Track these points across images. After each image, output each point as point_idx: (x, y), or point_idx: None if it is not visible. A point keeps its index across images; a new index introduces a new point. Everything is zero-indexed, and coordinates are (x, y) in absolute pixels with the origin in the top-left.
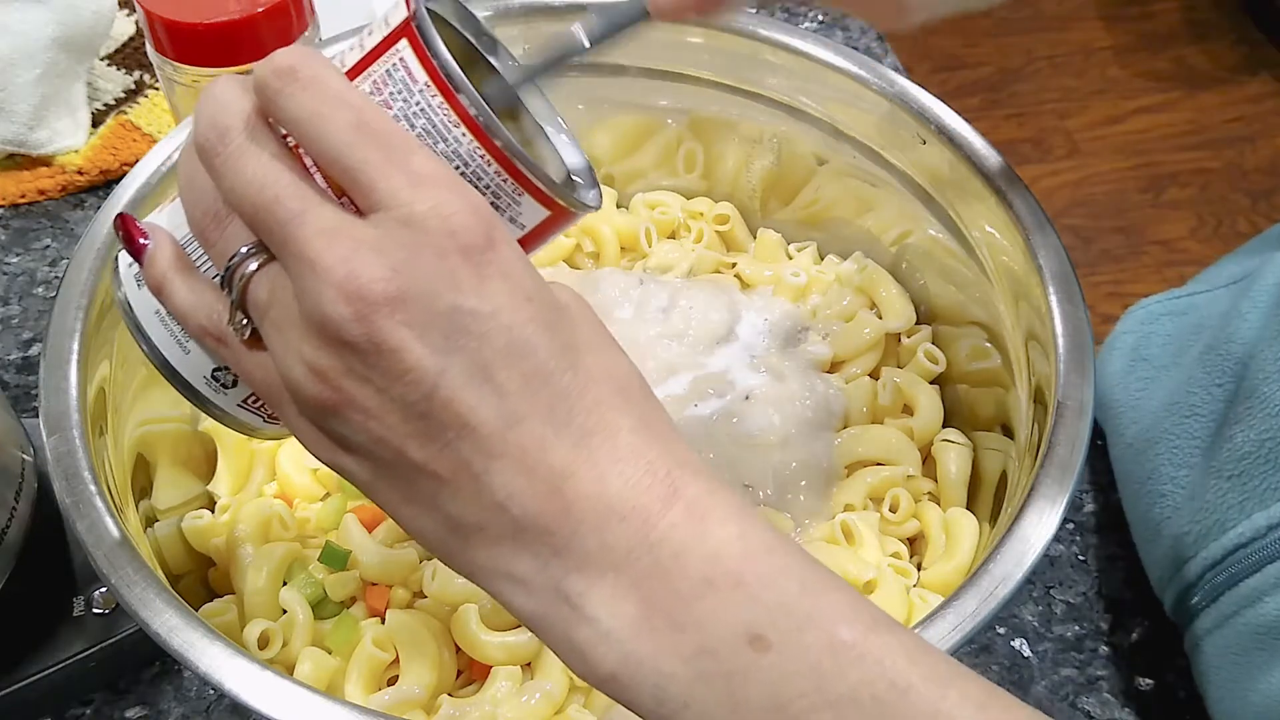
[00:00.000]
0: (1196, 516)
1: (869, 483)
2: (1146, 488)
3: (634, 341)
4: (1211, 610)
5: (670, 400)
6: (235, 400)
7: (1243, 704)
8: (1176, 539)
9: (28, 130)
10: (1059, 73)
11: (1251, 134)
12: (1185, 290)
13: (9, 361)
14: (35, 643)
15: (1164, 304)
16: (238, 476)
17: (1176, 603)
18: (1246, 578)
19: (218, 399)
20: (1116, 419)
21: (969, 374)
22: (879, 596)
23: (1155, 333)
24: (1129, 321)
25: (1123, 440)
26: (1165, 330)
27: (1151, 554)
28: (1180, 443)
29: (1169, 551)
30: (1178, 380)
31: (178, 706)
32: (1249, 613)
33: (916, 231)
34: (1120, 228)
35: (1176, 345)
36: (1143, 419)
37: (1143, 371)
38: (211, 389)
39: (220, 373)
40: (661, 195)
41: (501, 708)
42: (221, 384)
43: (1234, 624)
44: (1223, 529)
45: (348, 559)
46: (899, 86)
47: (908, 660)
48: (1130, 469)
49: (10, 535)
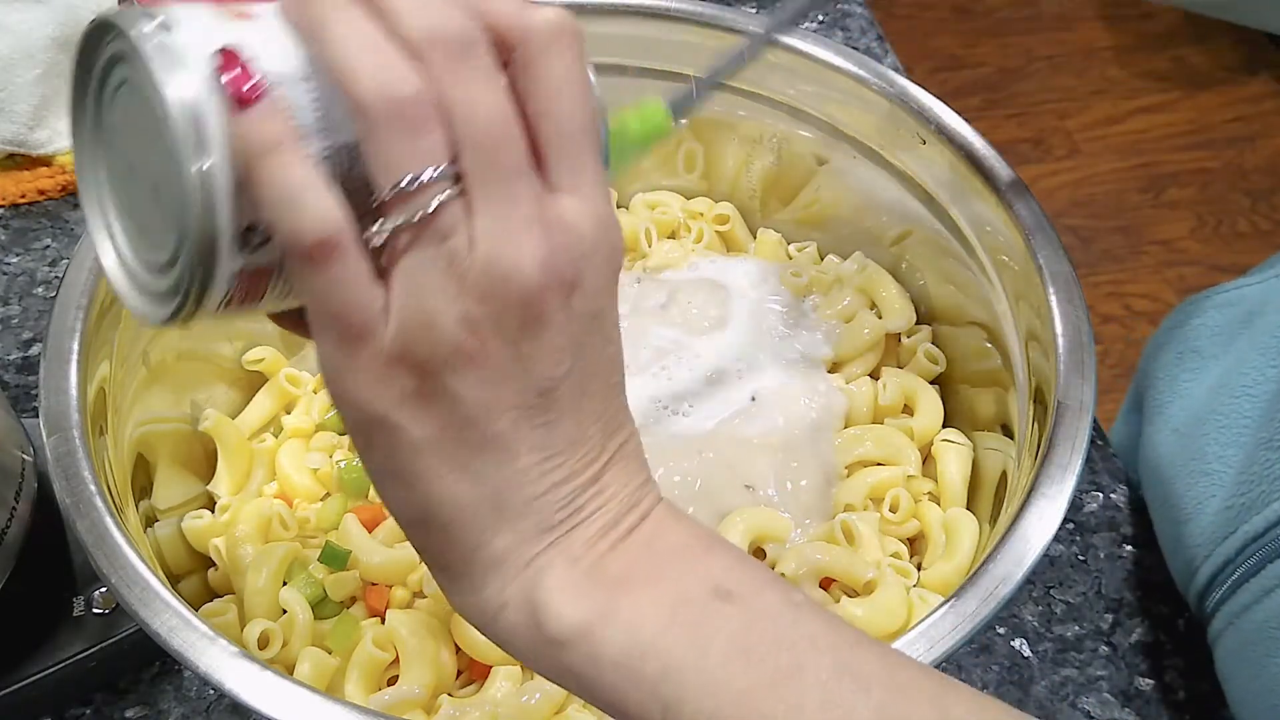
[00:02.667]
0: (1242, 489)
1: (869, 483)
2: (1191, 468)
3: (630, 337)
4: (1251, 584)
5: (669, 399)
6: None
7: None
8: (1219, 514)
9: (28, 130)
10: (1059, 73)
11: (1251, 134)
12: (1233, 284)
13: (9, 361)
14: (35, 643)
15: (1211, 298)
16: (238, 476)
17: (1207, 583)
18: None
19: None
20: (1164, 409)
21: (969, 374)
22: (879, 596)
23: (1204, 325)
24: (1176, 316)
25: (1169, 426)
26: (1214, 322)
27: (1183, 535)
28: (1230, 421)
29: (1207, 528)
30: (1228, 365)
31: (178, 706)
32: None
33: (916, 231)
34: (1120, 228)
35: (1226, 334)
36: (1192, 405)
37: (1192, 363)
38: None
39: (251, 233)
40: (661, 195)
41: (501, 708)
42: (245, 244)
43: (1275, 596)
44: (1267, 501)
45: (348, 559)
46: (899, 86)
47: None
48: (1174, 454)
49: (10, 535)
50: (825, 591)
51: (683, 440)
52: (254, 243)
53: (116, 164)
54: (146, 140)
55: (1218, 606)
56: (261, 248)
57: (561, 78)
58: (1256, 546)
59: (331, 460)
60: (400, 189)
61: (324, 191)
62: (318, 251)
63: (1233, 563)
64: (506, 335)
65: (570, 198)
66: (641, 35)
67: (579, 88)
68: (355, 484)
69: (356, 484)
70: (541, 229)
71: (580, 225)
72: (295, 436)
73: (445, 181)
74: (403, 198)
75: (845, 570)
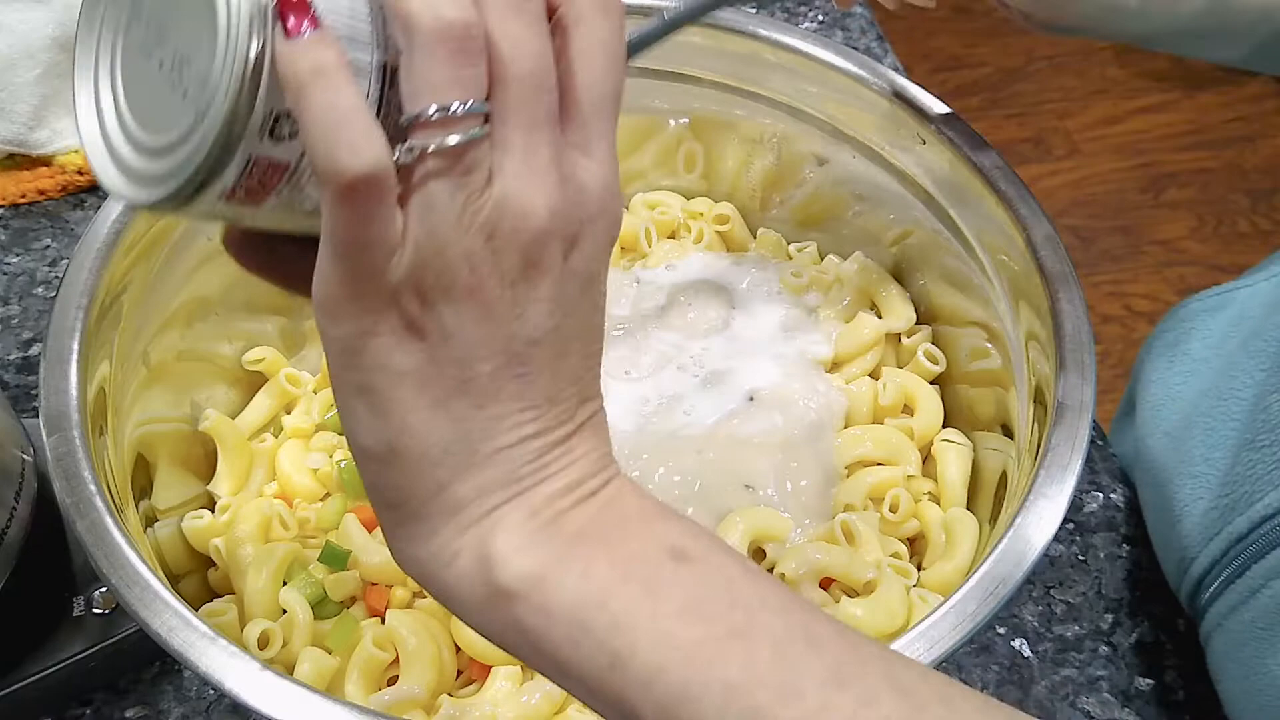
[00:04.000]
0: (1226, 490)
1: (869, 483)
2: (1180, 470)
3: (631, 337)
4: (1238, 584)
5: (668, 399)
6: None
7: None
8: (1205, 516)
9: (28, 130)
10: (1059, 73)
11: (1251, 134)
12: (1225, 287)
13: (9, 361)
14: (35, 643)
15: (1204, 301)
16: (238, 476)
17: (1197, 584)
18: (1274, 549)
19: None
20: (1156, 412)
21: (969, 374)
22: (879, 596)
23: (1196, 328)
24: (1170, 320)
25: (1160, 430)
26: (1206, 325)
27: (1173, 538)
28: (1217, 424)
29: (1194, 530)
30: (1218, 368)
31: (178, 706)
32: (1277, 584)
33: (916, 231)
34: (1120, 228)
35: (1218, 337)
36: (1183, 407)
37: (1184, 365)
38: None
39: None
40: (661, 195)
41: (501, 708)
42: (269, 131)
43: (1261, 597)
44: (1250, 501)
45: (348, 559)
46: (899, 86)
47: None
48: (1165, 456)
49: (10, 535)
50: (825, 591)
51: (682, 440)
52: (281, 133)
53: (133, 30)
54: (186, 18)
55: (1207, 607)
56: (286, 141)
57: (601, 42)
58: (1241, 547)
59: (331, 460)
60: (433, 116)
61: (371, 125)
62: (359, 186)
63: (1219, 563)
64: (506, 276)
65: (584, 157)
66: None
67: (615, 56)
68: (355, 484)
69: (357, 484)
70: (557, 179)
71: (592, 186)
72: (295, 436)
73: (477, 116)
74: (433, 124)
75: (845, 570)
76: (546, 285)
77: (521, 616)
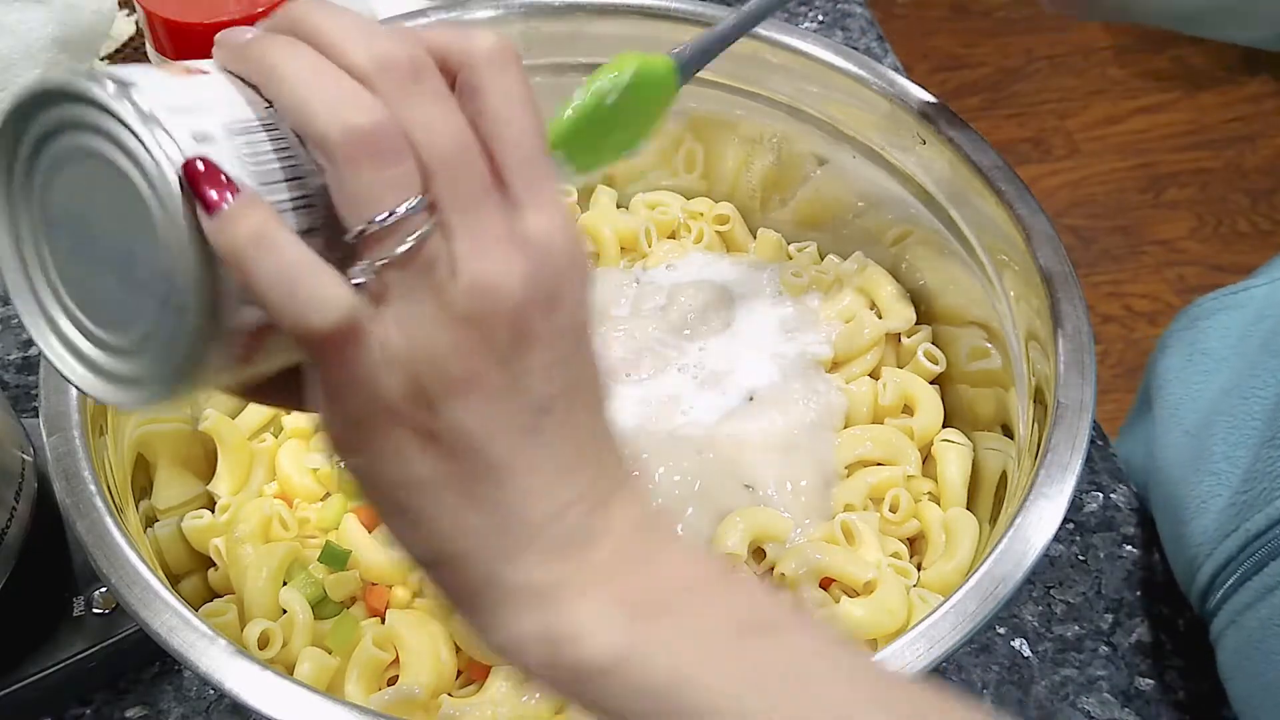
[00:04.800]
0: (1245, 487)
1: (869, 483)
2: (1199, 467)
3: (632, 338)
4: (1254, 582)
5: (668, 398)
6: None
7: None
8: (1222, 513)
9: None
10: (1059, 73)
11: (1251, 134)
12: (1241, 285)
13: (9, 361)
14: (35, 643)
15: (1220, 299)
16: (238, 476)
17: (1209, 582)
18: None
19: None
20: (1175, 410)
21: (969, 374)
22: (879, 596)
23: (1213, 327)
24: (1183, 319)
25: (1179, 428)
26: (1223, 324)
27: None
28: (1238, 422)
29: (1210, 526)
30: (1238, 367)
31: (178, 706)
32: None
33: (916, 231)
34: (1120, 228)
35: (1237, 336)
36: (1203, 406)
37: (1202, 364)
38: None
39: None
40: (661, 195)
41: (501, 708)
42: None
43: (1277, 594)
44: (1269, 499)
45: (348, 559)
46: (899, 86)
47: None
48: (1183, 454)
49: (10, 535)
50: (825, 591)
51: (682, 440)
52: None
53: (57, 242)
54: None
55: (1220, 605)
56: None
57: (509, 96)
58: (1259, 544)
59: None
60: (378, 227)
61: (326, 274)
62: (334, 338)
63: (1235, 560)
64: (499, 356)
65: (534, 213)
66: (641, 35)
67: (527, 104)
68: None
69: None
70: (516, 246)
71: (550, 239)
72: (295, 436)
73: (422, 213)
74: (381, 235)
75: (845, 570)
76: (540, 352)
77: (603, 696)
